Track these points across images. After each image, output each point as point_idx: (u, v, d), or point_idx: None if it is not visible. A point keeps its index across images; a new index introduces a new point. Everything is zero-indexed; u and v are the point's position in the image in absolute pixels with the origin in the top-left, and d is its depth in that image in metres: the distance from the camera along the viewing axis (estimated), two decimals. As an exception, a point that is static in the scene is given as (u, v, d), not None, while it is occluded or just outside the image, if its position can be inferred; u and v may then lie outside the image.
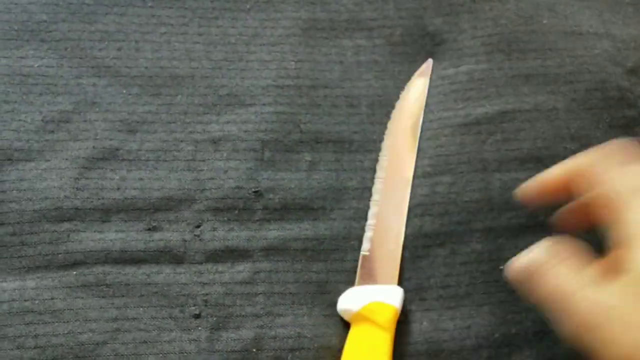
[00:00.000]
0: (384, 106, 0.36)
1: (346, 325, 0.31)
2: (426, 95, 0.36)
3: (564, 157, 0.35)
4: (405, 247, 0.33)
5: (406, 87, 0.36)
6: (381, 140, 0.35)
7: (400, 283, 0.32)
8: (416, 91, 0.36)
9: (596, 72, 0.36)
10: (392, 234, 0.33)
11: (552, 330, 0.32)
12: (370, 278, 0.32)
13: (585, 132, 0.35)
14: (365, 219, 0.33)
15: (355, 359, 0.30)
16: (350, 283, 0.32)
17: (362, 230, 0.33)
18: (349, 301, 0.31)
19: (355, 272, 0.32)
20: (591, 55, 0.37)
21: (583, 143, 0.35)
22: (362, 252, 0.33)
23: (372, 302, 0.30)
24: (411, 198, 0.34)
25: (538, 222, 0.34)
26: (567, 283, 0.23)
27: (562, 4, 0.38)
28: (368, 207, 0.34)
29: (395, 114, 0.36)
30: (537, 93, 0.36)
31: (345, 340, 0.31)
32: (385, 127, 0.35)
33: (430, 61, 0.37)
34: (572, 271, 0.24)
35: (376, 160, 0.35)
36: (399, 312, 0.31)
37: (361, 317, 0.30)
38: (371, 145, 0.35)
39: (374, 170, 0.34)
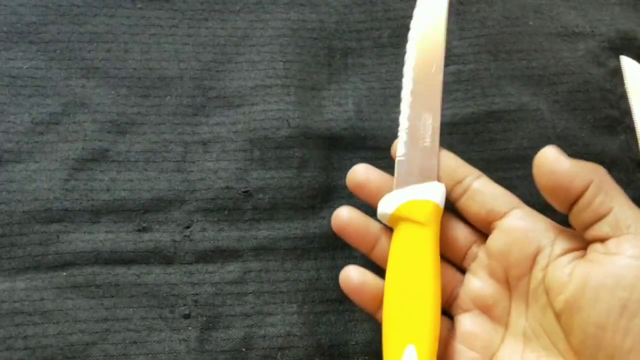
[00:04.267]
0: (371, 105, 0.36)
1: (336, 322, 0.32)
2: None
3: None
4: None
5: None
6: (370, 137, 0.35)
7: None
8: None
9: (579, 73, 0.37)
10: (427, 131, 0.31)
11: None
12: (407, 180, 0.30)
13: (571, 132, 0.36)
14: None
15: (399, 262, 0.29)
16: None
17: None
18: (385, 205, 0.30)
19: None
20: (575, 57, 0.37)
21: (568, 143, 0.36)
22: (397, 158, 0.31)
23: (408, 201, 0.29)
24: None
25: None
26: None
27: (548, 5, 0.39)
28: (358, 205, 0.33)
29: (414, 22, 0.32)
30: (522, 94, 0.36)
31: (334, 337, 0.31)
32: (375, 124, 0.35)
33: None
34: None
35: (364, 159, 0.35)
36: (440, 206, 0.29)
37: (398, 218, 0.29)
38: (359, 143, 0.35)
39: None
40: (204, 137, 0.35)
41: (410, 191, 0.30)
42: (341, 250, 0.33)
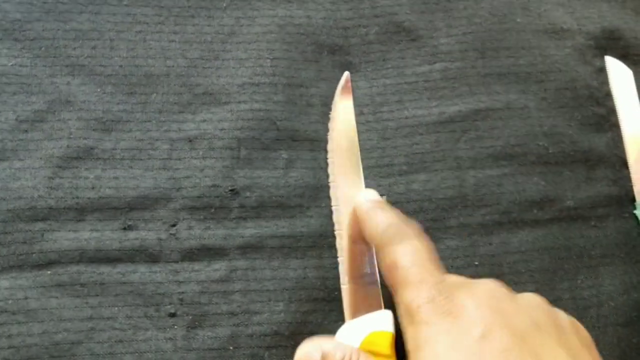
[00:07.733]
0: (358, 106, 0.36)
1: (323, 322, 0.32)
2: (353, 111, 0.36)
3: (537, 154, 0.35)
4: None
5: (333, 108, 0.36)
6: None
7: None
8: (344, 111, 0.35)
9: (566, 71, 0.37)
10: (364, 258, 0.32)
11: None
12: (358, 309, 0.31)
13: (558, 130, 0.36)
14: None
15: None
16: (328, 280, 0.32)
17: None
18: (346, 338, 0.30)
19: (333, 268, 0.32)
20: (562, 55, 0.37)
21: (556, 140, 0.36)
22: (342, 286, 0.32)
23: (370, 333, 0.30)
24: (387, 196, 0.34)
25: (511, 218, 0.34)
26: None
27: (535, 2, 0.39)
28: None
29: (331, 145, 0.35)
30: (509, 91, 0.36)
31: (323, 335, 0.31)
32: (361, 124, 0.35)
33: (347, 74, 0.36)
34: None
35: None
36: (394, 335, 0.30)
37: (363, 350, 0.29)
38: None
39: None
40: (190, 134, 0.34)
41: (367, 322, 0.30)
42: (328, 249, 0.33)
